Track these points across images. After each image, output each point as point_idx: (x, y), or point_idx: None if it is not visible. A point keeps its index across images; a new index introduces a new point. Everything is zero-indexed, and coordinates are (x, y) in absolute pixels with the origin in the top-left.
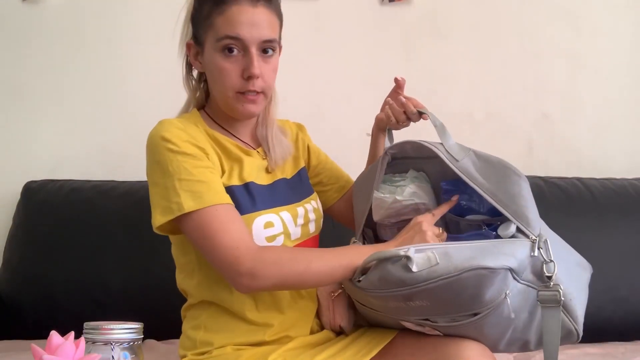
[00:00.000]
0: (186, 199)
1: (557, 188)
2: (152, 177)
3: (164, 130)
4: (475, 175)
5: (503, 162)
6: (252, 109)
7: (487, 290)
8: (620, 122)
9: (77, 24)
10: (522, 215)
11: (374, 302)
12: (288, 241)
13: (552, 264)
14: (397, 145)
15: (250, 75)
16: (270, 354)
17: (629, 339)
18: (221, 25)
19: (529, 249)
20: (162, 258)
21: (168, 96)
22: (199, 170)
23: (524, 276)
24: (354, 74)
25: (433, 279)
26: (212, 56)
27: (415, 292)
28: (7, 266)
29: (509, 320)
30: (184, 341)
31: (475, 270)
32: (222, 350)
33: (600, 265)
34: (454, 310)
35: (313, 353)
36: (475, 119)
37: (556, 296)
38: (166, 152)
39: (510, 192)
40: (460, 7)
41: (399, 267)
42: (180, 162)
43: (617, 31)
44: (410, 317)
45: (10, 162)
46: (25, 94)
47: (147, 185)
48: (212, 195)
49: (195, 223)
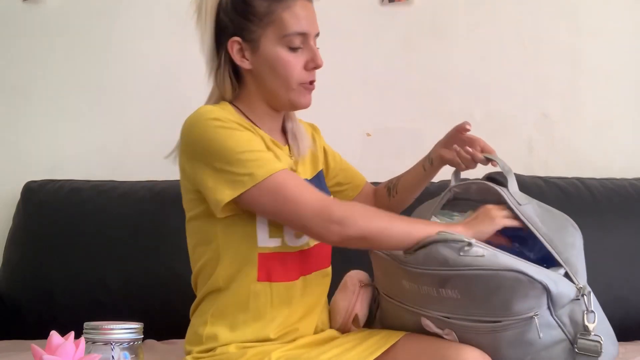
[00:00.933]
0: (256, 169)
1: (557, 188)
2: (206, 158)
3: (209, 112)
4: (535, 219)
5: (564, 214)
6: (309, 100)
7: (519, 299)
8: (620, 122)
9: (77, 24)
10: (573, 264)
11: (407, 285)
12: (311, 241)
13: (592, 314)
14: (463, 185)
15: (316, 66)
16: (273, 352)
17: (629, 339)
18: (288, 21)
19: (574, 290)
20: (162, 258)
21: (168, 96)
22: (256, 142)
23: (559, 313)
24: (354, 74)
25: (474, 267)
26: (275, 51)
27: (452, 276)
28: (7, 266)
29: (528, 346)
30: (190, 336)
31: (515, 272)
32: (225, 348)
33: (600, 265)
34: (480, 312)
35: (317, 352)
36: (475, 119)
37: (597, 347)
38: (220, 130)
39: (565, 241)
40: (460, 7)
41: (448, 247)
42: (237, 137)
43: (617, 31)
44: (435, 310)
45: (10, 162)
46: (25, 94)
47: (147, 186)
48: (276, 163)
49: (270, 188)
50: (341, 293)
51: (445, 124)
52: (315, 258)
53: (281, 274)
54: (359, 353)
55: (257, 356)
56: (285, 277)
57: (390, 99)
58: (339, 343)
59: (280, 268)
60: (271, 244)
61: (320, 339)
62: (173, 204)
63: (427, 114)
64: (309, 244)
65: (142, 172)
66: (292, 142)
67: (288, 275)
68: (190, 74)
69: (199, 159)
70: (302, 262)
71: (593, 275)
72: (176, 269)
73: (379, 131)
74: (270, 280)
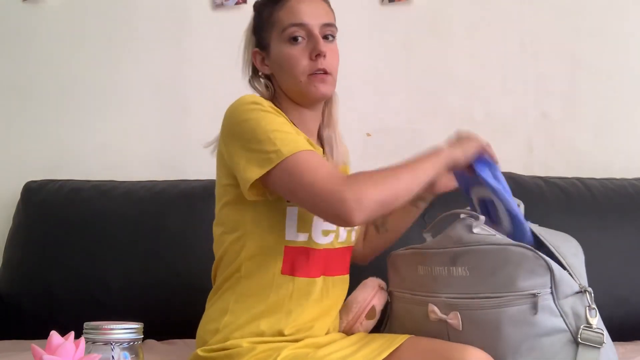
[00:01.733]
0: (282, 146)
1: (557, 188)
2: (241, 138)
3: (249, 97)
4: (538, 229)
5: (566, 234)
6: (324, 90)
7: (524, 275)
8: (620, 122)
9: (77, 24)
10: (577, 267)
11: (421, 271)
12: (336, 241)
13: (595, 310)
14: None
15: (318, 53)
16: (282, 350)
17: (629, 339)
18: (283, 17)
19: (576, 284)
20: (162, 258)
21: (168, 96)
22: (288, 126)
23: (562, 303)
24: (354, 74)
25: (485, 243)
26: (279, 49)
27: (464, 252)
28: (7, 266)
29: (528, 327)
30: (207, 324)
31: (522, 247)
32: (237, 342)
33: (600, 265)
34: (487, 288)
35: (324, 353)
36: (475, 119)
37: (600, 338)
38: (258, 111)
39: (569, 250)
40: (460, 7)
41: (463, 226)
42: (271, 118)
43: (617, 31)
44: (444, 293)
45: (10, 162)
46: (25, 94)
47: (147, 186)
48: (303, 144)
49: (292, 166)
50: (360, 289)
51: (445, 124)
52: (338, 261)
53: (305, 270)
54: (365, 355)
55: (266, 352)
56: (308, 273)
57: (390, 99)
58: (345, 345)
59: (305, 263)
60: (299, 239)
61: (327, 340)
62: (173, 204)
63: (427, 114)
64: (334, 244)
65: (142, 172)
66: (327, 148)
67: (311, 271)
68: (191, 74)
69: (236, 139)
70: (325, 261)
71: (593, 275)
72: (176, 269)
73: (379, 131)
74: (294, 275)
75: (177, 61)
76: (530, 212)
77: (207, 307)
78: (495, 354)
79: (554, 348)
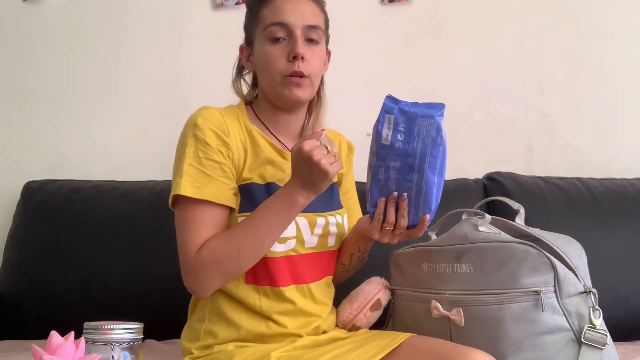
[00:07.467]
0: (186, 184)
1: (557, 188)
2: (177, 154)
3: (199, 116)
4: (542, 232)
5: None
6: (298, 94)
7: (527, 272)
8: (620, 122)
9: (77, 24)
10: (582, 268)
11: (425, 268)
12: (301, 247)
13: (599, 312)
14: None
15: (295, 55)
16: (272, 352)
17: (629, 339)
18: (267, 14)
19: (580, 285)
20: (162, 258)
21: (168, 96)
22: (210, 163)
23: (565, 302)
24: (354, 74)
25: (490, 240)
26: (261, 47)
27: (469, 249)
28: (7, 266)
29: (531, 325)
30: (188, 332)
31: (526, 245)
32: (224, 346)
33: (600, 265)
34: (490, 284)
35: (319, 353)
36: (475, 119)
37: (604, 339)
38: (191, 137)
39: (573, 252)
40: (460, 6)
41: (469, 225)
42: (197, 150)
43: (617, 31)
44: (447, 290)
45: (10, 162)
46: (25, 94)
47: (147, 186)
48: (209, 191)
49: (181, 207)
50: (366, 283)
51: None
52: (309, 267)
53: (266, 278)
54: (363, 353)
55: (256, 354)
56: (272, 282)
57: None
58: (342, 344)
59: (265, 272)
60: None
61: (323, 340)
62: None
63: None
64: (297, 250)
65: (142, 172)
66: None
67: (274, 280)
68: (191, 74)
69: (176, 151)
70: (291, 268)
71: (593, 275)
72: (176, 269)
73: None
74: (258, 284)
75: (177, 61)
76: (530, 213)
77: (188, 316)
78: (496, 350)
79: (556, 346)
